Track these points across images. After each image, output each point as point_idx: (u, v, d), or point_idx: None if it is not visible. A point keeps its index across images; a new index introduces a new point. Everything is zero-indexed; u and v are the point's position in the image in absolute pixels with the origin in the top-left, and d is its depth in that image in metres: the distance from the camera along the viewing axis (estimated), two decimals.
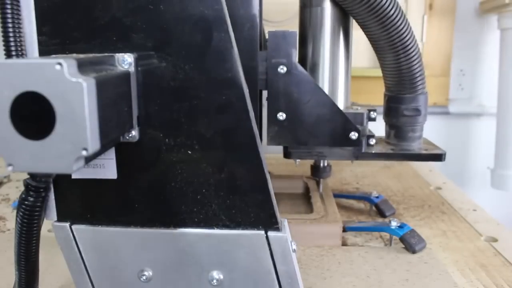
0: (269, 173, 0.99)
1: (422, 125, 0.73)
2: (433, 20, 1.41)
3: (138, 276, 0.43)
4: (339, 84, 0.72)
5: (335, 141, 0.67)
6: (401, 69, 0.68)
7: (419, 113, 0.71)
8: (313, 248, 0.71)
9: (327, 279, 0.62)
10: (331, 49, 0.71)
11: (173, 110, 0.40)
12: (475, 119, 1.46)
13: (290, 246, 0.42)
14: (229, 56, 0.39)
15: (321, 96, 0.66)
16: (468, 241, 0.75)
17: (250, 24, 0.62)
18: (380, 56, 0.69)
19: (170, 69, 0.40)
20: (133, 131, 0.40)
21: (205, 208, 0.42)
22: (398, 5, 0.64)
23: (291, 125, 0.66)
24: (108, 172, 0.42)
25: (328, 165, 0.82)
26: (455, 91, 1.44)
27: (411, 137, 0.73)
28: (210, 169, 0.41)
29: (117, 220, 0.43)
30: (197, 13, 0.39)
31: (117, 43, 0.40)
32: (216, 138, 0.41)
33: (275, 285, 0.43)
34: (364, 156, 0.71)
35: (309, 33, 0.71)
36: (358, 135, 0.66)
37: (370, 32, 0.67)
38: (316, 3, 0.70)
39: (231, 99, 0.40)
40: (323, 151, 0.70)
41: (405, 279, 0.62)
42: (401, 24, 0.64)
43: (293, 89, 0.65)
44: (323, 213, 0.76)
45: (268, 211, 0.42)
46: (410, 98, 0.70)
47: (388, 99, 0.72)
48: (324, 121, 0.66)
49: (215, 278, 0.43)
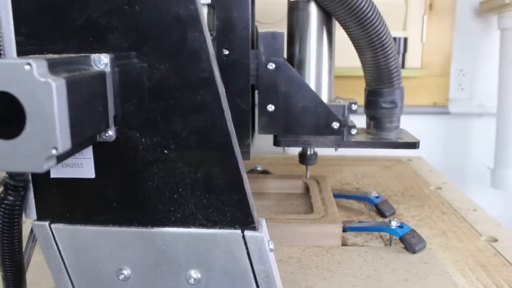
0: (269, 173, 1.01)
1: (398, 116, 0.79)
2: (433, 20, 1.40)
3: (117, 275, 0.44)
4: (323, 80, 0.78)
5: (319, 130, 0.74)
6: (379, 66, 0.73)
7: (395, 105, 0.76)
8: (313, 248, 0.72)
9: (327, 279, 0.63)
10: (316, 48, 0.76)
11: (149, 110, 0.41)
12: (475, 119, 1.45)
13: (266, 245, 0.42)
14: (204, 56, 0.40)
15: (306, 90, 0.73)
16: (468, 241, 0.75)
17: (243, 26, 0.67)
18: (360, 54, 0.75)
19: (146, 69, 0.40)
20: (109, 131, 0.40)
21: (182, 207, 0.42)
22: (375, 7, 0.69)
23: (279, 116, 0.73)
24: (86, 171, 0.42)
25: (314, 153, 0.88)
26: (455, 91, 1.44)
27: (389, 127, 0.78)
28: (186, 169, 0.41)
29: (96, 219, 0.43)
30: (172, 13, 0.39)
31: (94, 43, 0.40)
32: (192, 137, 0.41)
33: (252, 284, 0.43)
34: (346, 144, 0.77)
35: (296, 33, 0.77)
36: (339, 125, 0.73)
37: (351, 32, 0.72)
38: (302, 7, 0.76)
39: (206, 99, 0.40)
40: (308, 139, 0.76)
41: (405, 279, 0.62)
42: (378, 24, 0.70)
43: (281, 83, 0.72)
44: (323, 213, 0.76)
45: (244, 211, 0.42)
46: (388, 91, 0.76)
47: (368, 93, 0.78)
48: (309, 112, 0.73)
49: (193, 277, 0.43)
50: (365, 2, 0.67)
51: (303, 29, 0.76)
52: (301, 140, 0.75)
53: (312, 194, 0.86)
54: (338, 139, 0.75)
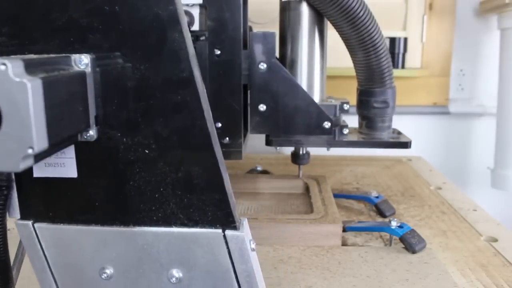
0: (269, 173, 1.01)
1: (390, 116, 0.79)
2: (433, 20, 1.40)
3: (100, 273, 0.44)
4: (315, 79, 0.79)
5: (310, 130, 0.75)
6: (371, 65, 0.74)
7: (387, 105, 0.77)
8: (313, 248, 0.72)
9: (327, 279, 0.63)
10: (308, 48, 0.77)
11: (130, 110, 0.41)
12: (475, 119, 1.45)
13: (247, 245, 0.42)
14: (184, 56, 0.40)
15: (297, 90, 0.74)
16: (468, 241, 0.75)
17: (234, 26, 0.67)
18: (352, 53, 0.75)
19: (127, 69, 0.40)
20: (90, 131, 0.40)
21: (163, 207, 0.42)
22: (366, 7, 0.70)
23: (271, 116, 0.74)
24: (68, 171, 0.42)
25: (306, 152, 0.89)
26: (455, 91, 1.44)
27: (381, 127, 0.79)
28: (167, 168, 0.42)
29: (78, 218, 0.44)
30: (152, 14, 0.39)
31: (75, 44, 0.40)
32: (172, 137, 0.41)
33: (233, 283, 0.43)
34: (337, 144, 0.77)
35: (288, 33, 0.78)
36: (330, 124, 0.74)
37: (342, 32, 0.73)
38: (294, 7, 0.77)
39: (186, 99, 0.40)
40: (300, 139, 0.77)
41: (405, 279, 0.62)
42: (369, 24, 0.70)
43: (273, 83, 0.73)
44: (323, 213, 0.77)
45: (225, 210, 0.42)
46: (379, 91, 0.76)
47: (360, 93, 0.79)
48: (300, 112, 0.74)
49: (175, 276, 0.43)
50: (356, 2, 0.68)
51: (295, 29, 0.76)
52: (293, 140, 0.76)
53: (312, 194, 0.86)
54: (330, 139, 0.75)
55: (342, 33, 0.73)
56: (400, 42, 1.38)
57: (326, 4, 0.69)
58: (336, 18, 0.71)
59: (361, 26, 0.70)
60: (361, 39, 0.71)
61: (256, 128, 0.74)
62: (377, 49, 0.72)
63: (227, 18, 0.69)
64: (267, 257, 0.70)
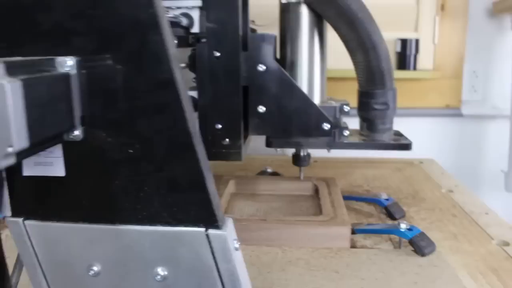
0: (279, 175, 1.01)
1: (391, 118, 0.79)
2: (445, 21, 1.39)
3: (87, 270, 0.45)
4: (315, 81, 0.79)
5: (310, 132, 0.75)
6: (371, 67, 0.74)
7: (387, 107, 0.77)
8: (322, 250, 0.72)
9: (335, 281, 0.63)
10: (307, 49, 0.78)
11: (114, 111, 0.42)
12: (489, 121, 1.43)
13: (230, 244, 0.43)
14: (164, 58, 0.41)
15: (296, 92, 0.74)
16: (479, 244, 0.75)
17: (233, 28, 0.68)
18: (352, 55, 0.75)
19: (110, 71, 0.41)
20: (76, 131, 0.42)
21: (147, 206, 0.43)
22: (366, 8, 0.70)
23: (270, 117, 0.75)
24: (56, 169, 0.43)
25: (307, 154, 0.88)
26: (468, 93, 1.42)
27: (382, 129, 0.79)
28: (151, 168, 0.42)
29: (66, 216, 0.45)
30: (133, 17, 0.40)
31: (60, 46, 0.41)
32: (155, 137, 0.42)
33: (217, 282, 0.44)
34: (337, 145, 0.78)
35: (288, 35, 0.79)
36: (330, 126, 0.74)
37: (342, 33, 0.73)
38: (293, 9, 0.77)
39: (167, 100, 0.41)
40: (300, 140, 0.77)
41: (413, 282, 0.62)
42: (369, 25, 0.70)
43: (271, 85, 0.73)
44: (332, 215, 0.77)
45: (208, 209, 0.43)
46: (380, 93, 0.76)
47: (360, 95, 0.79)
48: (299, 114, 0.74)
49: (160, 274, 0.44)
50: (355, 3, 0.68)
51: (295, 30, 0.77)
52: (292, 141, 0.76)
53: (321, 196, 0.87)
54: (329, 141, 0.76)
55: (341, 34, 0.73)
56: (412, 43, 1.37)
57: (325, 6, 0.70)
58: (335, 20, 0.71)
59: (360, 27, 0.70)
60: (360, 41, 0.71)
61: (256, 130, 0.75)
62: (377, 50, 0.72)
63: (226, 20, 0.70)
64: (275, 258, 0.71)
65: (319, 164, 1.25)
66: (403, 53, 1.38)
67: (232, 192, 0.95)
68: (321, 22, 0.77)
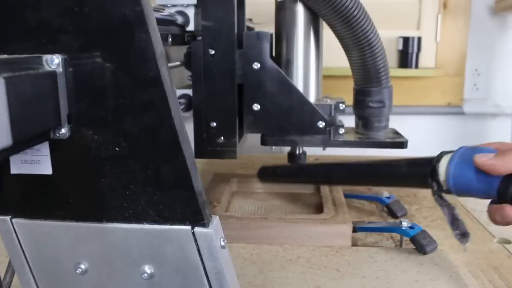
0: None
1: (387, 116, 0.78)
2: (448, 19, 1.39)
3: (75, 268, 0.45)
4: (311, 79, 0.79)
5: (304, 129, 0.75)
6: (366, 65, 0.73)
7: (383, 105, 0.76)
8: (323, 248, 0.72)
9: (336, 279, 0.63)
10: (303, 47, 0.77)
11: (101, 109, 0.42)
12: (491, 119, 1.43)
13: (216, 242, 0.43)
14: (151, 56, 0.40)
15: (291, 89, 0.74)
16: (481, 242, 0.75)
17: (228, 26, 0.68)
18: (348, 53, 0.75)
19: (97, 69, 0.41)
20: (63, 129, 0.42)
21: (134, 204, 0.43)
22: (361, 6, 0.69)
23: (265, 115, 0.74)
24: (43, 168, 0.44)
25: (303, 152, 0.87)
26: (470, 91, 1.42)
27: (377, 127, 0.78)
28: (137, 166, 0.42)
29: (54, 214, 0.45)
30: (119, 14, 0.40)
31: (48, 44, 0.41)
32: (142, 135, 0.42)
33: (203, 280, 0.44)
34: (333, 143, 0.77)
35: (283, 33, 0.78)
36: (325, 124, 0.74)
37: (337, 31, 0.72)
38: (289, 7, 0.77)
39: (153, 98, 0.41)
40: (295, 138, 0.76)
41: (415, 280, 0.62)
42: (364, 23, 0.69)
43: (266, 83, 0.73)
44: (333, 213, 0.77)
45: (194, 208, 0.43)
46: (375, 91, 0.76)
47: (356, 92, 0.79)
48: (294, 112, 0.74)
49: (146, 272, 0.44)
50: (350, 1, 0.67)
51: (290, 28, 0.77)
52: (287, 139, 0.76)
53: (322, 194, 0.86)
54: (325, 139, 0.75)
55: (336, 32, 0.73)
56: (414, 41, 1.37)
57: (320, 4, 0.69)
58: (331, 18, 0.71)
59: (356, 25, 0.70)
60: (356, 39, 0.71)
61: (251, 128, 0.75)
62: (373, 48, 0.71)
63: (221, 18, 0.69)
64: (276, 256, 0.71)
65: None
66: (405, 51, 1.38)
67: (233, 191, 0.95)
68: (317, 20, 0.77)
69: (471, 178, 0.50)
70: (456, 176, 0.52)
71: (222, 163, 1.08)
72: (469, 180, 0.51)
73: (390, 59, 1.40)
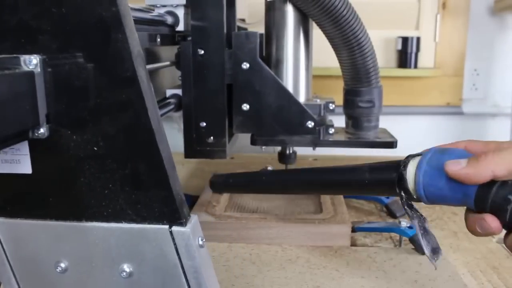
0: None
1: (377, 116, 0.78)
2: (447, 19, 1.38)
3: (55, 267, 0.45)
4: (300, 79, 0.79)
5: (294, 129, 0.75)
6: (356, 65, 0.73)
7: (373, 104, 0.76)
8: (322, 248, 0.73)
9: (335, 279, 0.63)
10: (293, 47, 0.77)
11: (79, 109, 0.42)
12: (490, 119, 1.42)
13: (194, 241, 0.43)
14: (127, 56, 0.41)
15: (280, 89, 0.73)
16: (480, 242, 0.75)
17: (217, 26, 0.68)
18: (337, 52, 0.75)
19: (75, 69, 0.42)
20: (41, 129, 0.42)
21: (112, 203, 0.44)
22: (350, 6, 0.69)
23: (254, 115, 0.74)
24: (23, 167, 0.44)
25: (293, 152, 0.88)
26: (469, 91, 1.41)
27: (367, 126, 0.78)
28: (115, 165, 0.43)
29: (34, 213, 0.45)
30: (96, 15, 0.40)
31: (26, 45, 0.42)
32: (119, 135, 0.42)
33: (182, 279, 0.44)
34: (322, 143, 0.77)
35: (273, 33, 0.78)
36: (314, 124, 0.74)
37: (326, 31, 0.72)
38: (278, 7, 0.76)
39: (130, 98, 0.41)
40: (284, 138, 0.76)
41: (414, 280, 0.62)
42: (354, 23, 0.69)
43: (255, 83, 0.73)
44: (332, 213, 0.77)
45: (171, 207, 0.43)
46: (365, 91, 0.76)
47: (345, 92, 0.78)
48: (283, 111, 0.74)
49: (125, 271, 0.44)
50: (339, 1, 0.67)
51: (280, 28, 0.77)
52: (277, 139, 0.76)
53: (321, 194, 0.86)
54: (315, 138, 0.75)
55: (326, 32, 0.73)
56: (413, 41, 1.36)
57: (309, 4, 0.70)
58: (319, 18, 0.71)
59: (345, 25, 0.69)
60: (345, 38, 0.71)
61: (240, 128, 0.75)
62: (362, 48, 0.71)
63: (210, 18, 0.70)
64: (275, 256, 0.71)
65: (319, 163, 1.25)
66: (404, 51, 1.38)
67: None
68: (307, 19, 0.76)
69: (443, 187, 0.46)
70: (427, 185, 0.48)
71: (221, 163, 1.08)
72: (441, 189, 0.46)
73: (389, 59, 1.41)
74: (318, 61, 0.88)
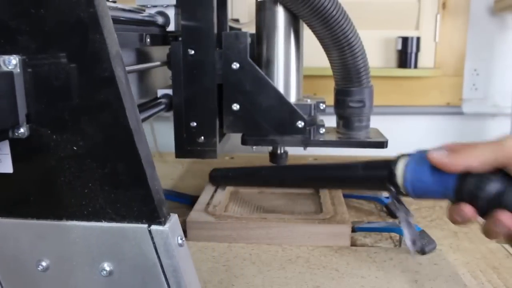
0: None
1: (368, 115, 0.78)
2: (447, 19, 1.38)
3: (36, 265, 0.46)
4: (291, 79, 0.79)
5: (284, 129, 0.75)
6: (346, 65, 0.73)
7: (364, 104, 0.76)
8: (322, 248, 0.73)
9: (335, 279, 0.63)
10: (283, 48, 0.77)
11: (59, 109, 0.43)
12: (490, 119, 1.42)
13: (173, 240, 0.44)
14: (105, 57, 0.41)
15: (270, 89, 0.74)
16: (480, 242, 0.74)
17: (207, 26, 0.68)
18: (328, 53, 0.75)
19: (54, 69, 0.42)
20: (21, 128, 0.42)
21: (92, 202, 0.44)
22: (340, 6, 0.69)
23: (244, 115, 0.74)
24: (4, 166, 0.44)
25: (284, 152, 0.87)
26: (468, 91, 1.41)
27: (358, 126, 0.78)
28: (94, 165, 0.43)
29: (15, 212, 0.46)
30: (74, 16, 0.41)
31: (6, 45, 0.42)
32: (98, 135, 0.42)
33: (161, 278, 0.44)
34: (313, 143, 0.77)
35: (264, 33, 0.78)
36: (304, 124, 0.74)
37: (316, 31, 0.73)
38: (269, 7, 0.77)
39: (109, 98, 0.42)
40: (275, 138, 0.76)
41: (414, 281, 0.62)
42: (344, 23, 0.69)
43: (245, 83, 0.73)
44: (332, 213, 0.77)
45: (150, 206, 0.43)
46: (356, 91, 0.75)
47: (336, 92, 0.79)
48: (273, 111, 0.74)
49: (105, 270, 0.45)
50: (328, 1, 0.67)
51: (270, 29, 0.77)
52: (267, 139, 0.76)
53: (321, 194, 0.87)
54: (305, 138, 0.75)
55: (316, 33, 0.73)
56: (412, 41, 1.36)
57: (298, 5, 0.70)
58: (309, 18, 0.71)
59: (335, 25, 0.69)
60: (335, 39, 0.71)
61: (231, 128, 0.75)
62: (352, 48, 0.71)
63: (200, 18, 0.70)
64: (275, 256, 0.71)
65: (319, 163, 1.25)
66: (404, 51, 1.37)
67: (232, 191, 0.95)
68: (297, 20, 0.76)
69: (427, 181, 0.51)
70: (414, 181, 0.52)
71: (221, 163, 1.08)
72: (426, 182, 0.51)
73: (389, 59, 1.40)
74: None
